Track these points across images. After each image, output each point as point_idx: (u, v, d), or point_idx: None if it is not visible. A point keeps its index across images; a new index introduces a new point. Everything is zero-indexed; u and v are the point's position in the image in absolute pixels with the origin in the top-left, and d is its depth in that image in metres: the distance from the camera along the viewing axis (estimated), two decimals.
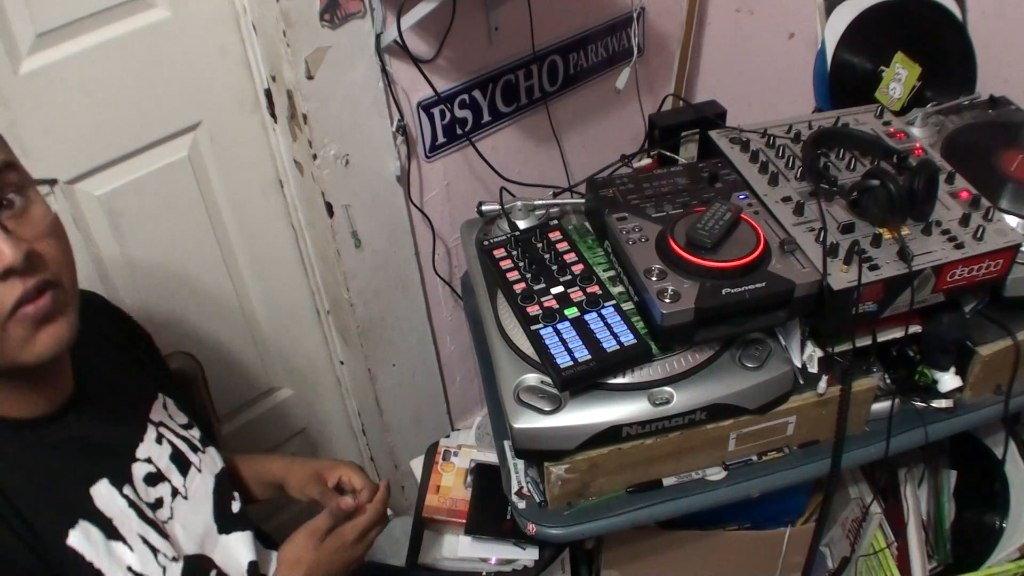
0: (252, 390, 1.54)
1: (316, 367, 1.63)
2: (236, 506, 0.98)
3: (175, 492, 0.90)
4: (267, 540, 1.05)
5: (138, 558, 0.80)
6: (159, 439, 0.91)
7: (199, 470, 0.95)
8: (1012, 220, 1.06)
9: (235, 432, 1.50)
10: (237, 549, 0.95)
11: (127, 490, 0.83)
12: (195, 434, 0.99)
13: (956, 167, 1.11)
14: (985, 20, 1.40)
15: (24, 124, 1.05)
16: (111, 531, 0.79)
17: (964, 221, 1.02)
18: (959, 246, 0.99)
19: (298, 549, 0.98)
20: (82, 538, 0.76)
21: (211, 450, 0.99)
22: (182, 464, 0.93)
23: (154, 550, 0.82)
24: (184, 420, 0.99)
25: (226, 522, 0.95)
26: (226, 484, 0.98)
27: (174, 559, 0.84)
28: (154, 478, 0.88)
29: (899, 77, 1.38)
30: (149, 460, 0.88)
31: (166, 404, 0.97)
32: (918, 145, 1.15)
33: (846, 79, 1.42)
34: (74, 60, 1.07)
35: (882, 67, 1.39)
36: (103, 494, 0.80)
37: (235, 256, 1.38)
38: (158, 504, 0.87)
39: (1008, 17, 1.38)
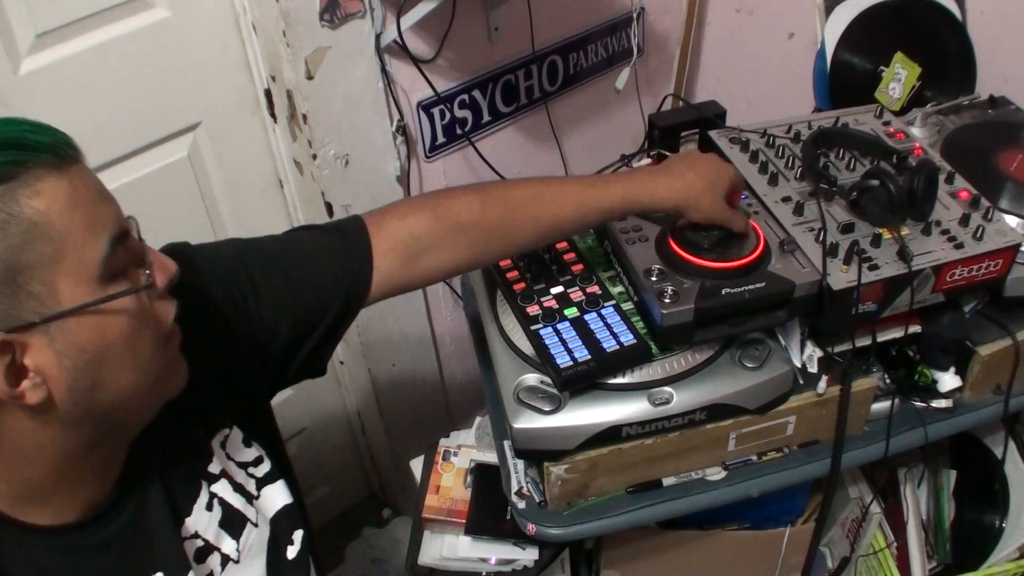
0: None
1: None
2: (292, 552, 0.85)
3: (225, 560, 0.78)
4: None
5: None
6: (210, 503, 0.78)
7: (255, 524, 0.82)
8: (1012, 220, 1.06)
9: None
10: None
11: None
12: (259, 471, 0.85)
13: (956, 167, 1.11)
14: (985, 20, 1.40)
15: None
16: None
17: (964, 221, 1.02)
18: (959, 246, 0.99)
19: None
20: None
21: (269, 488, 0.85)
22: (235, 526, 0.80)
23: None
24: (251, 456, 0.84)
25: (279, 573, 0.83)
26: (284, 527, 0.85)
27: None
28: (202, 553, 0.77)
29: (899, 77, 1.38)
30: (196, 535, 0.76)
31: (226, 442, 0.82)
32: (918, 145, 1.15)
33: (846, 79, 1.42)
34: (74, 60, 1.07)
35: (882, 67, 1.39)
36: None
37: None
38: None
39: (1008, 17, 1.38)
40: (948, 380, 1.08)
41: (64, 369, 0.58)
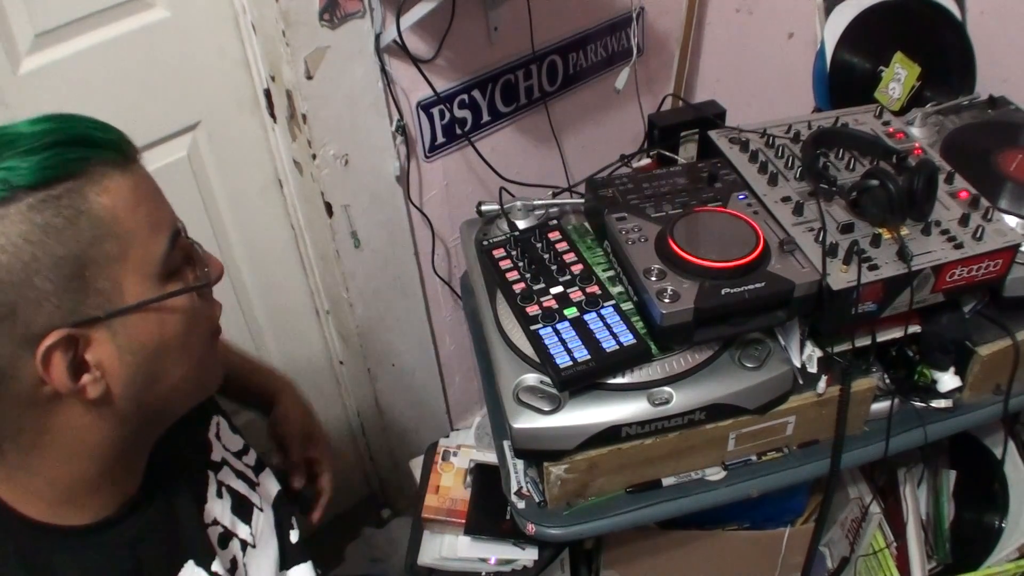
0: None
1: (316, 367, 1.63)
2: (294, 536, 0.89)
3: (244, 545, 0.80)
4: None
5: None
6: (219, 491, 0.80)
7: (260, 509, 0.85)
8: (1011, 220, 1.06)
9: None
10: None
11: (216, 566, 0.73)
12: (250, 460, 0.89)
13: (955, 167, 1.11)
14: (985, 20, 1.40)
15: None
16: None
17: (963, 221, 1.02)
18: (958, 246, 0.99)
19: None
20: None
21: (263, 475, 0.90)
22: (245, 511, 0.82)
23: None
24: (239, 445, 0.89)
25: (287, 556, 0.87)
26: (284, 512, 0.89)
27: None
28: (224, 539, 0.78)
29: (898, 77, 1.38)
30: (215, 522, 0.78)
31: (219, 432, 0.86)
32: (917, 145, 1.15)
33: (845, 79, 1.42)
34: (73, 60, 1.07)
35: (881, 67, 1.39)
36: None
37: (234, 256, 1.38)
38: (233, 567, 0.77)
39: (1008, 17, 1.38)
40: (948, 380, 1.08)
41: (124, 364, 0.60)
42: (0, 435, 0.60)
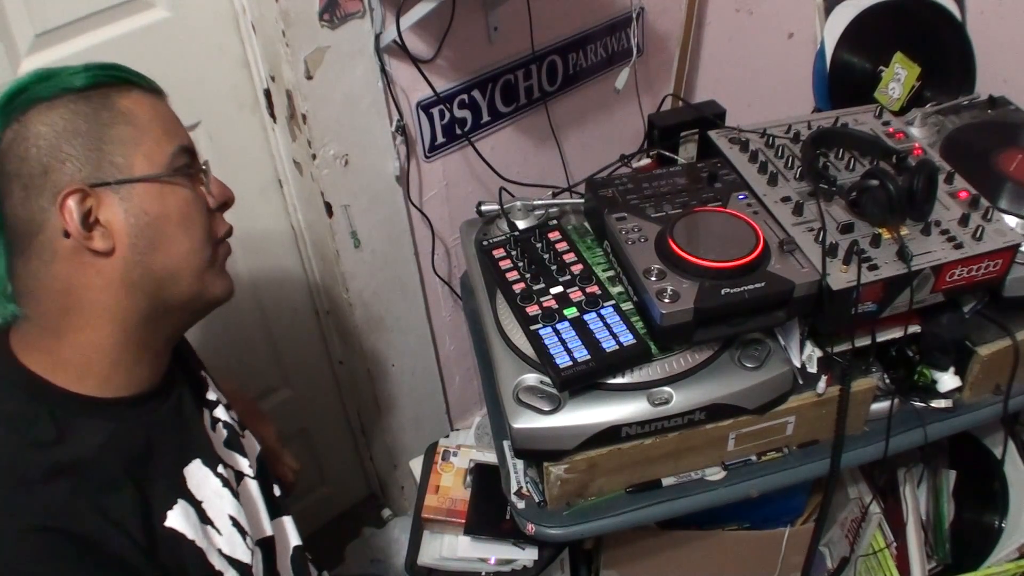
0: (251, 390, 1.54)
1: (315, 367, 1.63)
2: (277, 490, 0.97)
3: (240, 475, 0.89)
4: None
5: (227, 541, 0.79)
6: (213, 424, 0.90)
7: (247, 453, 0.93)
8: (1011, 220, 1.07)
9: None
10: (285, 533, 0.95)
11: (221, 468, 0.82)
12: (234, 415, 0.97)
13: (955, 167, 1.11)
14: (984, 20, 1.40)
15: None
16: (202, 514, 0.78)
17: (963, 221, 1.02)
18: (958, 246, 0.99)
19: None
20: (181, 518, 0.75)
21: (247, 432, 0.98)
22: (238, 447, 0.91)
23: (243, 532, 0.81)
24: (226, 400, 0.98)
25: (271, 506, 0.94)
26: (264, 467, 0.97)
27: (256, 544, 0.83)
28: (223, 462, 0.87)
29: (898, 77, 1.38)
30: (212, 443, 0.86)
31: (209, 382, 0.95)
32: (917, 145, 1.16)
33: (845, 79, 1.42)
34: (73, 60, 1.06)
35: (881, 67, 1.39)
36: (195, 475, 0.79)
37: (234, 256, 1.37)
38: (228, 485, 0.85)
39: (1007, 17, 1.38)
40: (948, 380, 1.08)
41: (129, 225, 0.72)
42: (34, 293, 0.72)
